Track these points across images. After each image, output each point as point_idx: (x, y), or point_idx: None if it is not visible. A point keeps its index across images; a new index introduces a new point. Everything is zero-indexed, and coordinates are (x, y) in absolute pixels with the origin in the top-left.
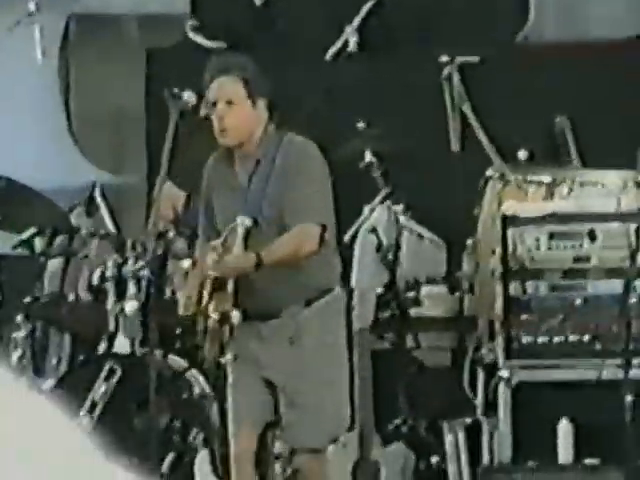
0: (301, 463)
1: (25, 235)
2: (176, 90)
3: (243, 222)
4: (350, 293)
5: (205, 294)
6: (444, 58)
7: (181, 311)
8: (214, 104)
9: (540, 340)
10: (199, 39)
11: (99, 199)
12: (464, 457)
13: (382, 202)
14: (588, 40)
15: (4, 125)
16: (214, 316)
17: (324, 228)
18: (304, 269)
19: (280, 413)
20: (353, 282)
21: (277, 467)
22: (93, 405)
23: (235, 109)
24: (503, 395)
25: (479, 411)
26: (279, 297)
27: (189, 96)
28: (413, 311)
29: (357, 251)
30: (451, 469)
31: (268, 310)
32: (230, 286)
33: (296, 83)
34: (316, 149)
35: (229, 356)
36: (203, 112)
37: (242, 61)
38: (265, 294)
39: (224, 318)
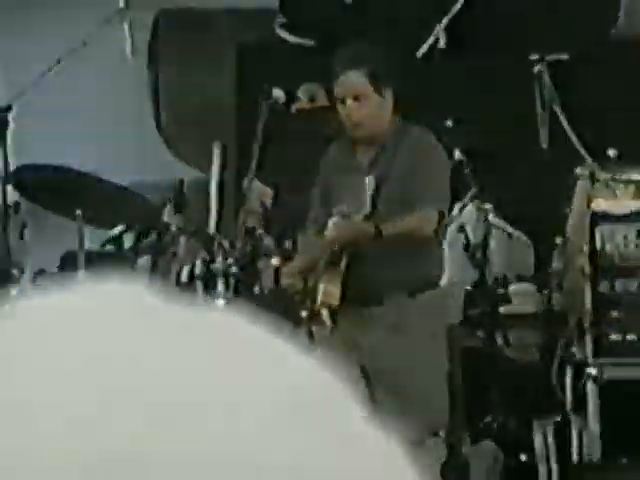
0: None
1: (115, 231)
2: (266, 86)
3: (370, 185)
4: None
5: (321, 264)
6: (534, 56)
7: (285, 282)
8: (342, 100)
9: (629, 337)
10: (287, 36)
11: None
12: (553, 455)
13: (471, 200)
14: None
15: (94, 122)
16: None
17: (442, 215)
18: (413, 258)
19: (377, 402)
20: (443, 280)
21: None
22: None
23: (363, 104)
24: (592, 393)
25: (568, 409)
26: (383, 283)
27: (278, 93)
28: (502, 308)
29: (446, 249)
30: (541, 467)
31: (372, 295)
32: (343, 262)
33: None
34: (438, 143)
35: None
36: (293, 109)
37: (368, 53)
38: (370, 279)
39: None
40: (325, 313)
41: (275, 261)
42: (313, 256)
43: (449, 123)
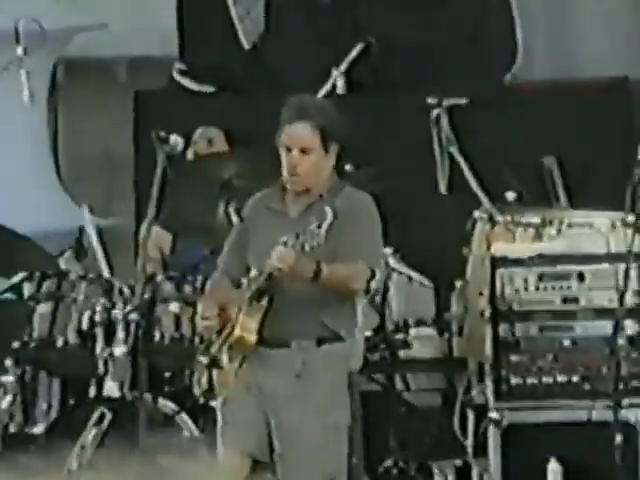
0: None
1: (14, 280)
2: (163, 133)
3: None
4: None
5: (244, 297)
6: (432, 100)
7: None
8: (288, 149)
9: (529, 381)
10: (186, 82)
11: (93, 240)
12: None
13: None
14: (574, 80)
15: None
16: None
17: (373, 274)
18: (328, 309)
19: (275, 450)
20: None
21: None
22: (83, 449)
23: (309, 157)
24: (493, 436)
25: (469, 452)
26: (294, 328)
27: (176, 139)
28: (402, 353)
29: None
30: None
31: (279, 338)
32: (265, 299)
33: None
34: (373, 203)
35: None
36: (190, 154)
37: (320, 106)
38: (282, 322)
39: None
40: (224, 358)
41: (174, 307)
42: (230, 293)
43: (348, 167)
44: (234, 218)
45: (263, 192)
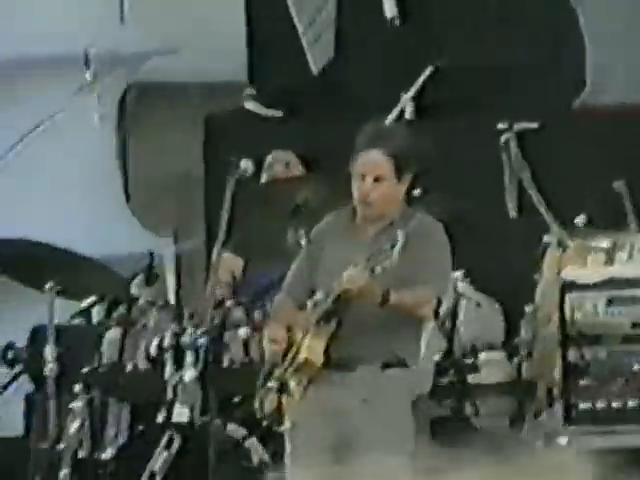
0: None
1: (84, 304)
2: (234, 158)
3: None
4: None
5: (310, 320)
6: (502, 125)
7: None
8: (362, 175)
9: (599, 406)
10: (255, 107)
11: (168, 265)
12: None
13: None
14: None
15: (64, 193)
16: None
17: (439, 302)
18: (394, 334)
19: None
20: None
21: None
22: (152, 475)
23: (381, 185)
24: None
25: None
26: (360, 352)
27: (246, 164)
28: (471, 377)
29: None
30: None
31: (346, 362)
32: (334, 321)
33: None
34: (443, 231)
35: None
36: (265, 177)
37: (394, 134)
38: (349, 346)
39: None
40: (293, 383)
41: (243, 332)
42: (295, 314)
43: (417, 192)
44: (303, 242)
45: (333, 215)
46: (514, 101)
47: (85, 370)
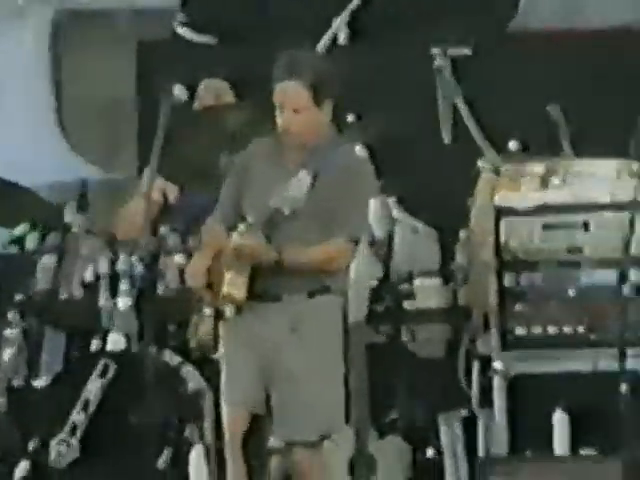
0: (297, 457)
1: (17, 232)
2: (166, 84)
3: (275, 203)
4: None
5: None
6: (435, 50)
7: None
8: (280, 108)
9: (535, 331)
10: (188, 33)
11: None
12: (460, 449)
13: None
14: (579, 28)
15: None
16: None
17: (356, 243)
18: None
19: (272, 405)
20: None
21: (274, 461)
22: (87, 403)
23: (301, 116)
24: (498, 387)
25: (475, 403)
26: (284, 283)
27: (180, 90)
28: (407, 304)
29: None
30: (447, 461)
31: (271, 293)
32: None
33: None
34: (369, 163)
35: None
36: (197, 105)
37: (311, 62)
38: (271, 277)
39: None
40: (228, 309)
41: (178, 259)
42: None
43: (350, 118)
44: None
45: (260, 141)
46: (447, 25)
47: (19, 298)
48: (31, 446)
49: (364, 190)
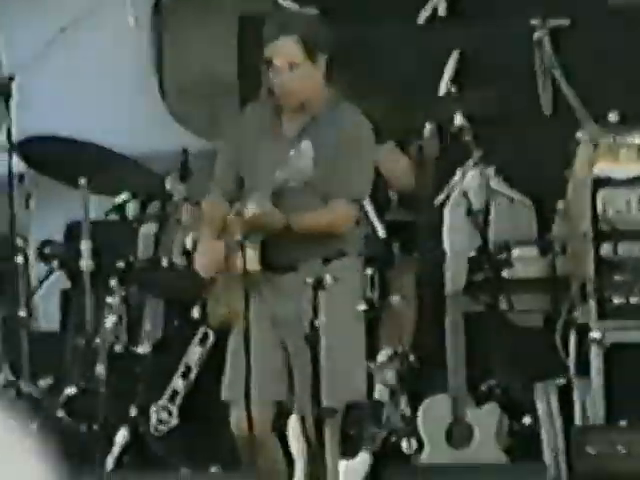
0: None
1: (118, 200)
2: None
3: (281, 176)
4: (442, 256)
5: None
6: (535, 21)
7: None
8: (273, 65)
9: (633, 301)
10: (290, 5)
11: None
12: (557, 418)
13: (474, 165)
14: None
15: (96, 91)
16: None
17: (359, 205)
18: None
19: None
20: (445, 245)
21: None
22: (188, 369)
23: (297, 72)
24: (595, 356)
25: (572, 372)
26: (298, 252)
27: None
28: (505, 273)
29: (448, 215)
30: (544, 430)
31: (287, 263)
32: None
33: (389, 47)
34: (369, 124)
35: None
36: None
37: (300, 19)
38: (284, 247)
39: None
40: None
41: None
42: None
43: (453, 89)
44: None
45: (253, 107)
46: None
47: (120, 265)
48: (131, 413)
49: (364, 151)
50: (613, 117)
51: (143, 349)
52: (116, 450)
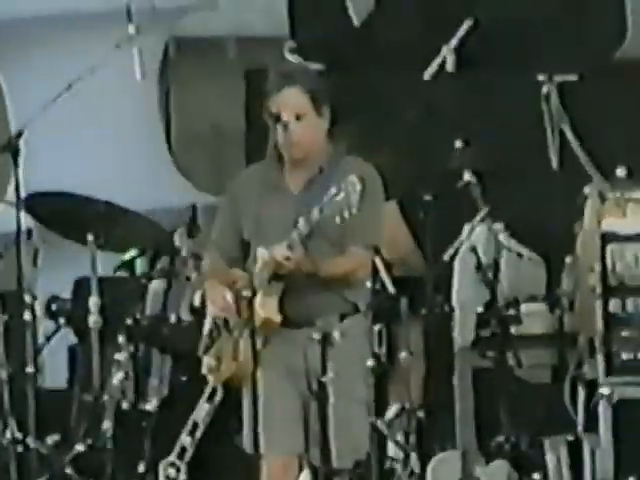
0: None
1: (127, 256)
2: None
3: (302, 226)
4: (450, 312)
5: (258, 279)
6: (542, 77)
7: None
8: (278, 117)
9: None
10: (296, 60)
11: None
12: (566, 474)
13: (481, 221)
14: None
15: (104, 146)
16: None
17: (377, 252)
18: (344, 286)
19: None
20: (454, 301)
21: None
22: (195, 426)
23: (303, 122)
24: (604, 412)
25: (580, 428)
26: (316, 305)
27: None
28: (514, 329)
29: (457, 270)
30: None
31: (303, 317)
32: (281, 281)
33: (395, 102)
34: (376, 173)
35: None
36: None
37: (304, 71)
38: (304, 300)
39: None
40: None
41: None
42: (234, 273)
43: (458, 144)
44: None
45: (254, 166)
46: (554, 52)
47: (128, 322)
48: (140, 469)
49: (376, 198)
50: (621, 172)
51: (150, 405)
52: None
